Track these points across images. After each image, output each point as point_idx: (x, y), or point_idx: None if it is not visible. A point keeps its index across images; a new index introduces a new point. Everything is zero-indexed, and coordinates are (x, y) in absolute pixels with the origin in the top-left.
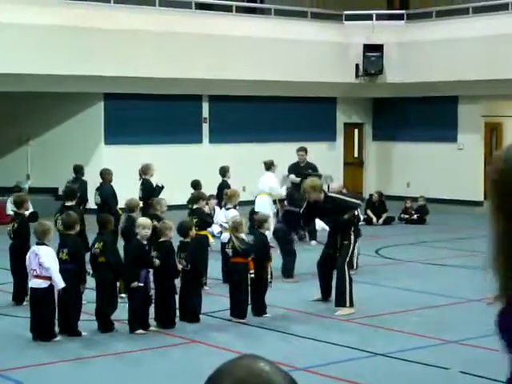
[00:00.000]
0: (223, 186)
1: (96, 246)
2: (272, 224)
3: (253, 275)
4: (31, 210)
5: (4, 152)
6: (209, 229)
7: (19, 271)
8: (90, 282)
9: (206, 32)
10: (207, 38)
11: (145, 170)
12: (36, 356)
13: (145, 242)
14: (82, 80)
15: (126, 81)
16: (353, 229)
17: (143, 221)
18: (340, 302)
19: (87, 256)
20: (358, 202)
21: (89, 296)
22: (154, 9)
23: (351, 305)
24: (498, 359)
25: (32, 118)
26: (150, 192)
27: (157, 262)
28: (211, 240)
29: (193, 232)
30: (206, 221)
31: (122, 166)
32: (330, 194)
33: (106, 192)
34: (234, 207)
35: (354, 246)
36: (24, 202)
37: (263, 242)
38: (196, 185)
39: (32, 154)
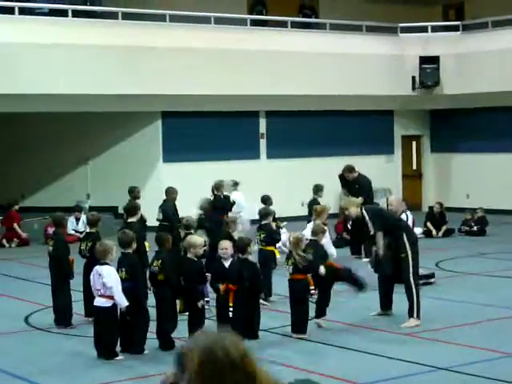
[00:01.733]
0: (313, 203)
1: (154, 264)
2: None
3: (313, 291)
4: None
5: (64, 172)
6: (277, 244)
7: None
8: (152, 299)
9: (262, 48)
10: (263, 54)
11: (218, 187)
12: (100, 374)
13: (197, 260)
14: (139, 99)
15: (183, 99)
16: (406, 237)
17: (196, 239)
18: (410, 313)
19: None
20: (375, 229)
21: (151, 315)
22: (209, 26)
23: (418, 317)
24: None
25: (91, 137)
26: (219, 208)
27: (208, 275)
28: (278, 256)
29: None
30: (273, 237)
31: (181, 183)
32: (363, 211)
33: (168, 209)
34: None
35: (414, 255)
36: (98, 221)
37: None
38: (266, 200)
39: (92, 173)
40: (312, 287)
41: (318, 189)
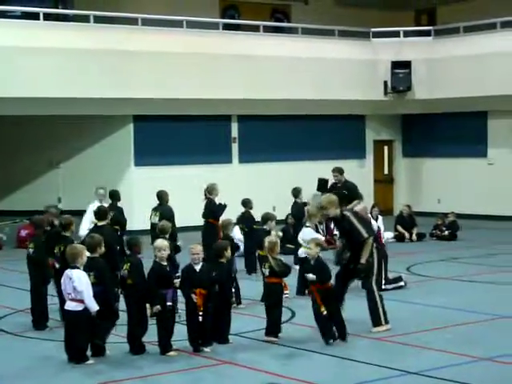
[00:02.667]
0: (296, 206)
1: (124, 267)
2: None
3: (287, 295)
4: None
5: (35, 176)
6: None
7: None
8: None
9: (234, 52)
10: (235, 58)
11: (210, 191)
12: (69, 379)
13: (164, 263)
14: (111, 103)
15: (155, 102)
16: (375, 245)
17: (160, 243)
18: (376, 322)
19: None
20: (365, 235)
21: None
22: (182, 30)
23: (386, 322)
24: None
25: (62, 141)
26: (214, 211)
27: (177, 282)
28: None
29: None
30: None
31: (152, 187)
32: (345, 213)
33: (167, 212)
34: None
35: (380, 263)
36: (70, 225)
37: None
38: (246, 203)
39: (63, 177)
40: (286, 291)
41: (297, 191)
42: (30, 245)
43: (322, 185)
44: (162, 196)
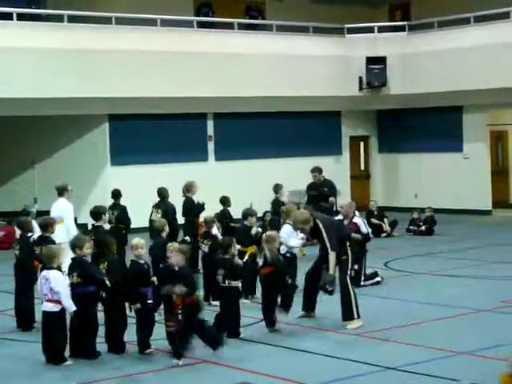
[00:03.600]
0: (276, 202)
1: (101, 266)
2: None
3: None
4: (39, 233)
5: (11, 176)
6: None
7: None
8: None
9: (208, 50)
10: (209, 56)
11: (188, 188)
12: (48, 380)
13: (142, 261)
14: (85, 102)
15: (130, 101)
16: (349, 244)
17: (137, 241)
18: (348, 316)
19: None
20: (329, 249)
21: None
22: (156, 29)
23: (358, 317)
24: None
25: (37, 141)
26: (191, 209)
27: (154, 279)
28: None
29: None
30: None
31: (129, 186)
32: (317, 222)
33: (169, 209)
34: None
35: (360, 259)
36: (51, 225)
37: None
38: (224, 201)
39: (39, 177)
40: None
41: (278, 187)
42: (17, 246)
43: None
44: (162, 193)
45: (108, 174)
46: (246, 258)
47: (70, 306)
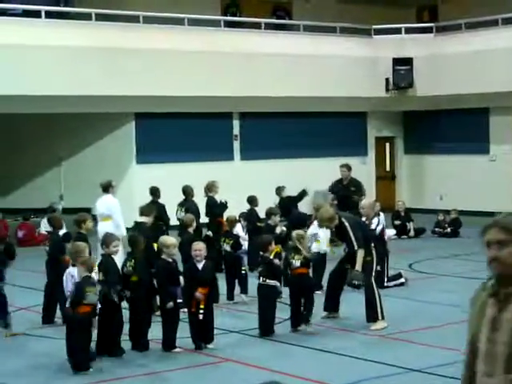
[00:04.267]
0: (281, 204)
1: (128, 264)
2: None
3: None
4: (65, 230)
5: (38, 173)
6: None
7: None
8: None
9: (235, 50)
10: (236, 55)
11: (210, 188)
12: (72, 377)
13: (170, 260)
14: (112, 100)
15: (157, 100)
16: (373, 245)
17: (167, 239)
18: (372, 317)
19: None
20: (355, 247)
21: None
22: (184, 28)
23: (383, 318)
24: None
25: (64, 138)
26: (213, 209)
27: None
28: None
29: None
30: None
31: (154, 184)
32: (343, 221)
33: (192, 208)
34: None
35: (383, 260)
36: (84, 222)
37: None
38: (252, 201)
39: (65, 174)
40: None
41: (280, 190)
42: (47, 242)
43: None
44: (187, 191)
45: (133, 172)
46: (271, 257)
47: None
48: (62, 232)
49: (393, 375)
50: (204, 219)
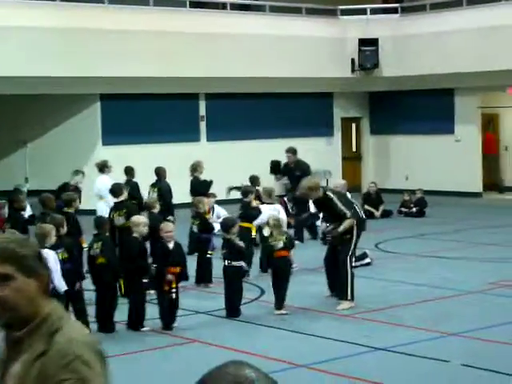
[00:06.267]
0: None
1: (95, 246)
2: None
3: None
4: (30, 212)
5: (2, 155)
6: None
7: None
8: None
9: (201, 30)
10: (202, 36)
11: (195, 167)
12: None
13: (140, 239)
14: (77, 82)
15: (122, 81)
16: (355, 222)
17: (138, 219)
18: (341, 295)
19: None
20: (348, 213)
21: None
22: (148, 8)
23: (352, 298)
24: (499, 351)
25: (29, 120)
26: (198, 188)
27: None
28: (254, 233)
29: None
30: (251, 214)
31: (120, 166)
32: (327, 193)
33: (165, 188)
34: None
35: (357, 239)
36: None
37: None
38: (253, 180)
39: (30, 156)
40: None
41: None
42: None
43: (275, 167)
44: (159, 172)
45: (99, 153)
46: (254, 234)
47: (62, 285)
48: (26, 214)
49: (359, 354)
50: (186, 199)
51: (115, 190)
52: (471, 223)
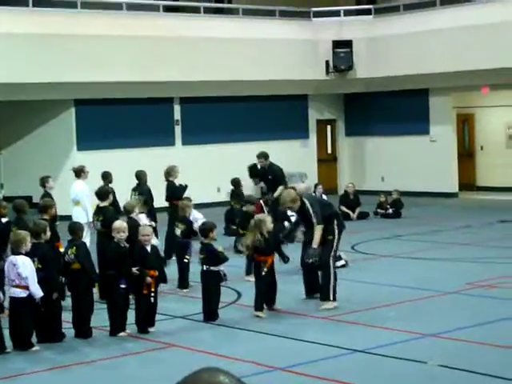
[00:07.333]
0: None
1: (69, 252)
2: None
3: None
4: (6, 219)
5: None
6: None
7: None
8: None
9: (175, 34)
10: (176, 40)
11: (170, 172)
12: (15, 365)
13: (122, 245)
14: (51, 87)
15: (96, 86)
16: (336, 222)
17: (120, 224)
18: (324, 296)
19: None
20: (318, 221)
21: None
22: (122, 13)
23: (334, 299)
24: (476, 351)
25: (3, 126)
26: (174, 193)
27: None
28: None
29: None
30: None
31: (96, 171)
32: (303, 200)
33: (145, 192)
34: None
35: (338, 240)
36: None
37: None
38: (236, 183)
39: (4, 162)
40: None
41: (235, 182)
42: (14, 228)
43: (253, 170)
44: (140, 176)
45: (74, 159)
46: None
47: (38, 292)
48: (4, 220)
49: (338, 356)
50: (163, 203)
51: (101, 194)
52: (447, 224)
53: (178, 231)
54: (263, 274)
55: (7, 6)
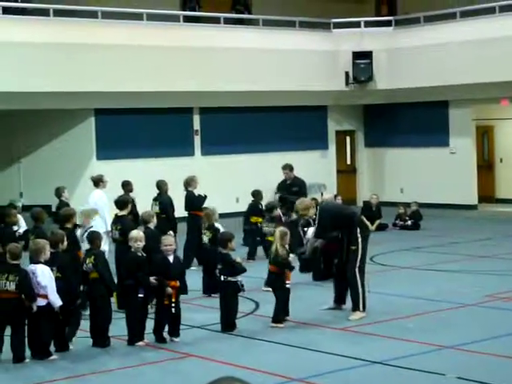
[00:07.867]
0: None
1: (88, 261)
2: None
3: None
4: (25, 227)
5: None
6: None
7: None
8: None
9: (195, 45)
10: (196, 50)
11: (189, 182)
12: (34, 374)
13: (139, 254)
14: (71, 96)
15: (117, 96)
16: (359, 231)
17: (136, 234)
18: (354, 307)
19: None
20: (315, 233)
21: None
22: (142, 23)
23: (364, 309)
24: (494, 364)
25: (23, 135)
26: (193, 203)
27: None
28: None
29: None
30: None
31: (115, 180)
32: (319, 207)
33: (166, 202)
34: None
35: (364, 250)
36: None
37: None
38: (256, 194)
39: (24, 171)
40: (288, 281)
41: (256, 192)
42: (31, 237)
43: (280, 186)
44: (161, 186)
45: (94, 168)
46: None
47: (57, 301)
48: (21, 230)
49: (355, 368)
50: (182, 213)
51: (120, 203)
52: (466, 236)
53: (205, 239)
54: (287, 286)
55: (28, 16)
